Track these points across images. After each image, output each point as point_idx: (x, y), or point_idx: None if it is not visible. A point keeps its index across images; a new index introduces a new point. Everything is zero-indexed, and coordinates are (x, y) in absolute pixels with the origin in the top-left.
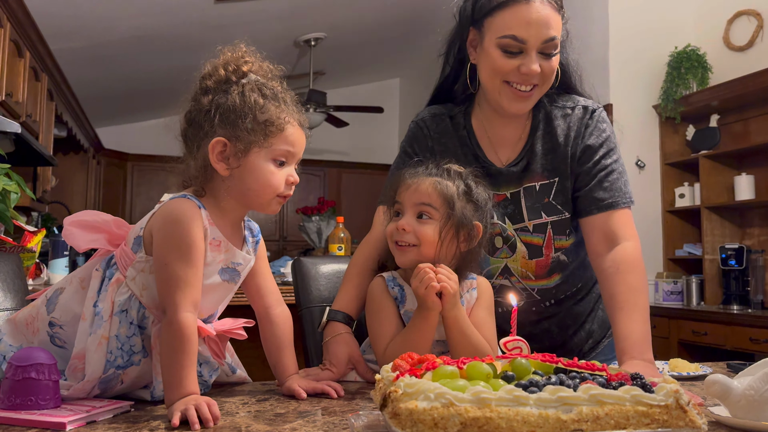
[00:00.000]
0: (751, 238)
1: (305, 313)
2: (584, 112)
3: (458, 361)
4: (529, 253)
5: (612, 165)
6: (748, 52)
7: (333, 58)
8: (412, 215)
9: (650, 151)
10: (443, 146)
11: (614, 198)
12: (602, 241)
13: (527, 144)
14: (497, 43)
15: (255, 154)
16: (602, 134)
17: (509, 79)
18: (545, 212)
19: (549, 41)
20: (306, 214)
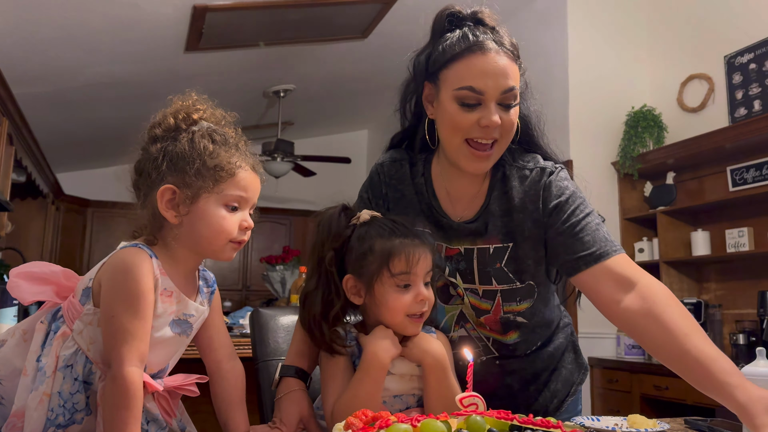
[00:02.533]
0: (708, 293)
1: (262, 367)
2: (541, 174)
3: (412, 419)
4: (477, 314)
5: (586, 218)
6: (701, 113)
7: (302, 108)
8: (424, 283)
9: (610, 207)
10: (399, 193)
11: (601, 248)
12: (614, 288)
13: (484, 204)
14: (454, 95)
15: (205, 200)
16: (565, 191)
17: (470, 136)
18: (496, 279)
19: (508, 92)
20: (270, 263)
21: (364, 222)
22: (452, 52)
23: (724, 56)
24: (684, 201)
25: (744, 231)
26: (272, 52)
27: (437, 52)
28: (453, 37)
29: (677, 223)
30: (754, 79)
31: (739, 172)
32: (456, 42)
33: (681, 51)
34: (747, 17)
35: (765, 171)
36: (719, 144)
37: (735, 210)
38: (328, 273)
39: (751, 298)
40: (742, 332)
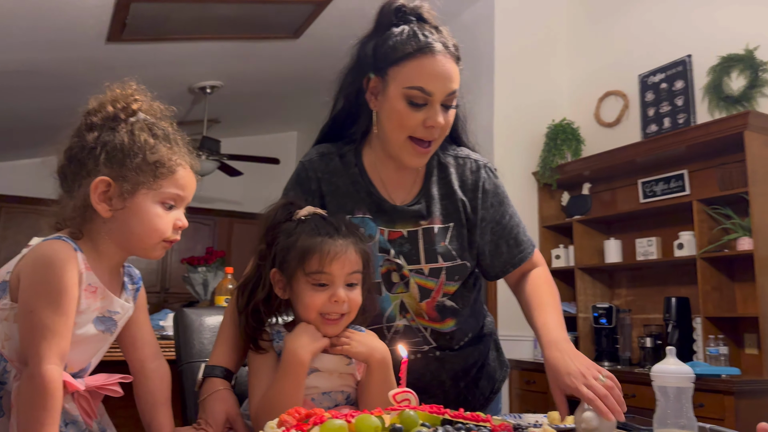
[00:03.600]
0: (620, 298)
1: (186, 369)
2: (477, 165)
3: (346, 415)
4: (421, 296)
5: (512, 220)
6: (616, 128)
7: (229, 106)
8: (343, 285)
9: (530, 215)
10: (333, 186)
11: (523, 252)
12: (519, 278)
13: (423, 188)
14: (403, 93)
15: (142, 196)
16: (499, 188)
17: (414, 135)
18: (442, 257)
19: (451, 94)
20: (192, 265)
21: (301, 218)
22: (404, 50)
23: (639, 75)
24: (598, 211)
25: (652, 240)
26: (200, 47)
27: (387, 47)
28: (402, 35)
29: (591, 232)
30: (664, 98)
31: (649, 184)
32: (407, 40)
33: (599, 68)
34: (660, 39)
35: (672, 184)
36: (632, 158)
37: (644, 220)
38: (259, 266)
39: (658, 303)
40: (650, 336)
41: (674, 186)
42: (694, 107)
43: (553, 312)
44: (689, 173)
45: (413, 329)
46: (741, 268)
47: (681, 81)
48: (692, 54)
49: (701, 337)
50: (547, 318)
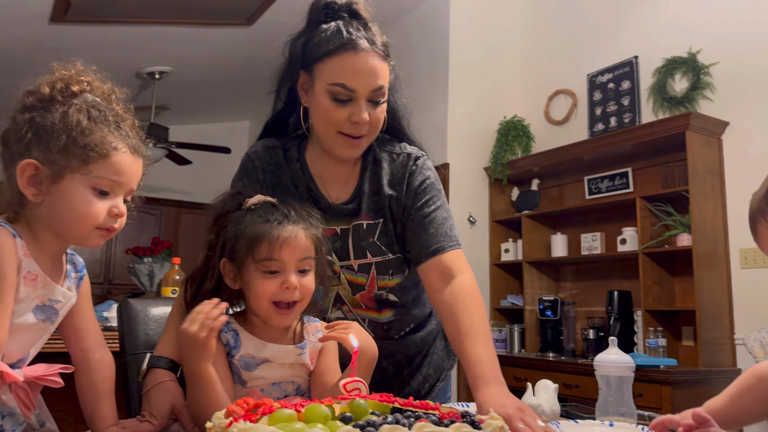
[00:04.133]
0: (564, 291)
1: (131, 361)
2: (408, 158)
3: (296, 405)
4: (352, 290)
5: (436, 211)
6: (565, 126)
7: (178, 93)
8: (295, 271)
9: (481, 209)
10: (276, 179)
11: (440, 243)
12: (438, 279)
13: (357, 185)
14: (327, 90)
15: (69, 180)
16: (426, 180)
17: (341, 130)
18: (370, 252)
19: (377, 90)
20: (137, 255)
21: (251, 206)
22: (327, 47)
23: (587, 74)
24: (546, 206)
25: (597, 235)
26: (149, 31)
27: (313, 44)
28: (328, 31)
29: (539, 227)
30: (611, 97)
31: (595, 181)
32: (331, 37)
33: (550, 67)
34: (608, 40)
35: (617, 182)
36: (579, 155)
37: (590, 216)
38: (208, 256)
39: (601, 296)
40: (593, 328)
41: (619, 183)
42: (639, 107)
43: (486, 343)
44: (633, 171)
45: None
46: (680, 264)
47: (627, 81)
48: (639, 55)
49: (641, 330)
50: (481, 351)
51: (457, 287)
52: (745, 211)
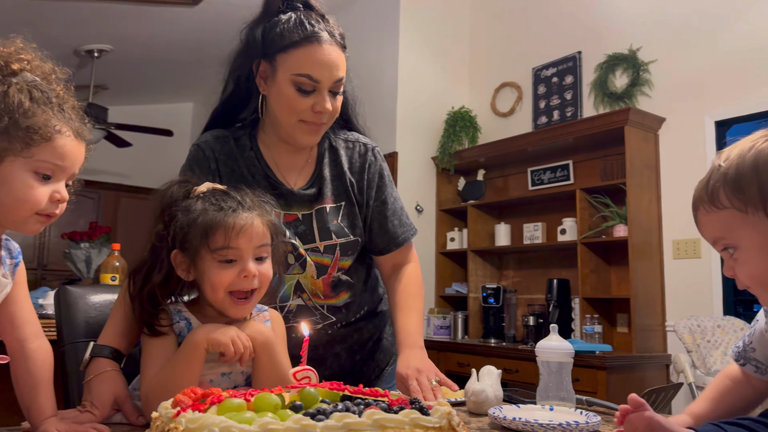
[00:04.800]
0: (507, 280)
1: (69, 350)
2: (365, 148)
3: (245, 394)
4: (318, 272)
5: (395, 202)
6: (510, 118)
7: (118, 73)
8: (252, 259)
9: (428, 198)
10: (230, 168)
11: (405, 234)
12: (392, 267)
13: (316, 170)
14: (292, 80)
15: (10, 164)
16: (384, 171)
17: (303, 119)
18: (335, 234)
19: (338, 81)
20: (73, 240)
21: (199, 195)
22: (291, 38)
23: (532, 68)
24: (491, 196)
25: (539, 225)
26: (89, 7)
27: (274, 34)
28: (290, 22)
29: (484, 216)
30: (555, 91)
31: (538, 173)
32: (294, 28)
33: (497, 60)
34: (553, 35)
35: (559, 173)
36: (523, 147)
37: (532, 207)
38: (155, 248)
39: (541, 285)
40: (533, 315)
41: (560, 175)
42: (581, 101)
43: (416, 317)
44: (574, 164)
45: (309, 308)
46: (616, 253)
47: (571, 76)
48: (582, 51)
49: (579, 317)
50: (408, 322)
51: (405, 274)
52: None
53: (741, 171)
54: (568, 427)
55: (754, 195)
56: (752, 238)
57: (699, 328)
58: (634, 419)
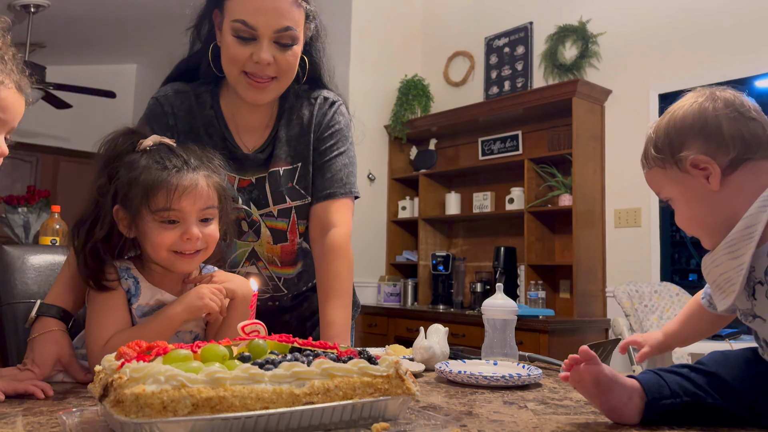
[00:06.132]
0: (456, 247)
1: (6, 311)
2: (324, 101)
3: (192, 346)
4: (274, 238)
5: (338, 157)
6: (462, 87)
7: (57, 30)
8: (196, 221)
9: (380, 167)
10: (188, 125)
11: (334, 188)
12: (317, 228)
13: (272, 132)
14: (231, 27)
15: None
16: (335, 125)
17: (245, 69)
18: (289, 197)
19: (282, 31)
20: (10, 204)
21: (145, 148)
22: None
23: (485, 38)
24: (442, 165)
25: (488, 195)
26: None
27: None
28: None
29: (435, 185)
30: (507, 62)
31: (488, 143)
32: None
33: (450, 28)
34: (506, 4)
35: (508, 144)
36: (474, 117)
37: (482, 176)
38: (98, 201)
39: (489, 252)
40: (480, 281)
41: (509, 145)
42: (531, 72)
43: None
44: (523, 134)
45: (264, 278)
46: (561, 222)
47: (522, 47)
48: (533, 21)
49: (524, 283)
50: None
51: (328, 242)
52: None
53: (658, 133)
54: (511, 379)
55: (667, 153)
56: (675, 190)
57: (637, 294)
58: (582, 371)
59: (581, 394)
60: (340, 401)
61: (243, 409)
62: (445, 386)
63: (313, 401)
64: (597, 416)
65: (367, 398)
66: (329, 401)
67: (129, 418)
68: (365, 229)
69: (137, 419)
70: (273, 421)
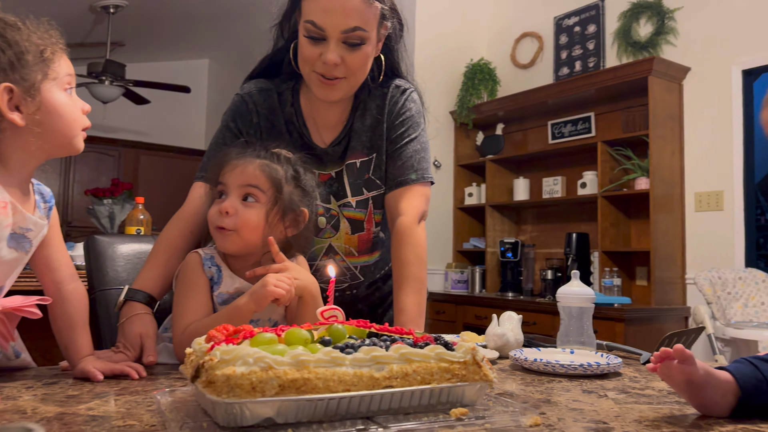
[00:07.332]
0: (525, 234)
1: (99, 297)
2: (396, 90)
3: (276, 329)
4: (352, 228)
5: (408, 144)
6: (530, 69)
7: (135, 29)
8: (237, 197)
9: (446, 153)
10: (270, 123)
11: (405, 175)
12: (389, 217)
13: (347, 124)
14: (304, 27)
15: (47, 90)
16: (407, 112)
17: (315, 69)
18: (366, 188)
19: (350, 31)
20: (96, 197)
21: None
22: None
23: (554, 17)
24: (510, 151)
25: (558, 179)
26: None
27: None
28: None
29: (503, 171)
30: (577, 41)
31: (558, 126)
32: None
33: (517, 9)
34: None
35: (579, 126)
36: (543, 99)
37: (552, 160)
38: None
39: (560, 239)
40: (551, 269)
41: (581, 128)
42: (604, 51)
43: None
44: (596, 116)
45: (342, 269)
46: (637, 206)
47: (593, 25)
48: None
49: (597, 270)
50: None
51: (396, 231)
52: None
53: None
54: (589, 368)
55: None
56: None
57: (720, 280)
58: (674, 368)
59: (670, 386)
60: (418, 386)
61: (326, 390)
62: (521, 374)
63: (392, 385)
64: (682, 406)
65: (444, 383)
66: (407, 386)
67: (220, 398)
68: (431, 216)
69: (228, 399)
70: (354, 404)
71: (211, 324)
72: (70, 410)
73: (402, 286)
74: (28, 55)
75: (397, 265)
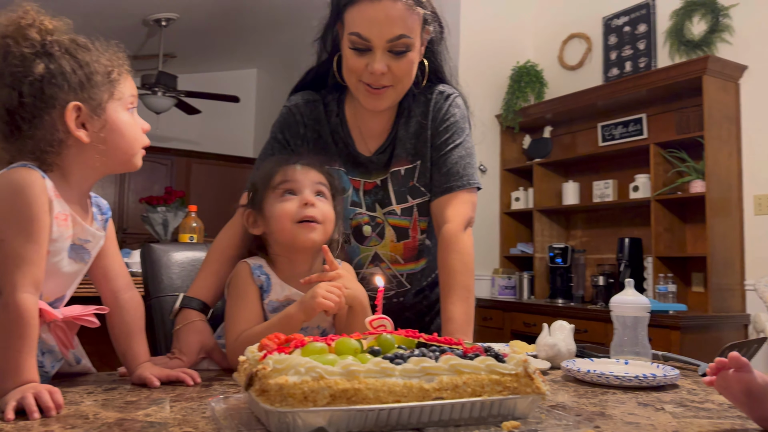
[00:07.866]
0: (575, 239)
1: (155, 304)
2: (439, 96)
3: (326, 339)
4: (397, 236)
5: (453, 150)
6: (579, 71)
7: (185, 41)
8: (312, 193)
9: (492, 158)
10: (316, 134)
11: (450, 182)
12: (435, 225)
13: (392, 132)
14: (348, 39)
15: (112, 109)
16: (450, 118)
17: (362, 79)
18: (411, 196)
19: (395, 40)
20: (150, 204)
21: None
22: None
23: (603, 17)
24: (558, 154)
25: (609, 183)
26: None
27: None
28: None
29: (551, 175)
30: (627, 41)
31: (609, 128)
32: None
33: (564, 10)
34: None
35: (631, 128)
36: (593, 101)
37: (602, 163)
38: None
39: (611, 244)
40: (602, 275)
41: (633, 130)
42: (655, 51)
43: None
44: (648, 117)
45: (388, 277)
46: (692, 210)
47: (644, 24)
48: None
49: (651, 276)
50: (454, 309)
51: (441, 239)
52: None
53: None
54: (645, 379)
55: None
56: None
57: None
58: (731, 378)
59: (728, 400)
60: (468, 398)
61: (376, 401)
62: (573, 385)
63: (442, 396)
64: (744, 421)
65: (495, 396)
66: (458, 397)
67: (274, 407)
68: (477, 221)
69: (281, 408)
70: (405, 415)
71: (262, 332)
72: (129, 416)
73: (449, 294)
74: (97, 76)
75: (443, 274)
